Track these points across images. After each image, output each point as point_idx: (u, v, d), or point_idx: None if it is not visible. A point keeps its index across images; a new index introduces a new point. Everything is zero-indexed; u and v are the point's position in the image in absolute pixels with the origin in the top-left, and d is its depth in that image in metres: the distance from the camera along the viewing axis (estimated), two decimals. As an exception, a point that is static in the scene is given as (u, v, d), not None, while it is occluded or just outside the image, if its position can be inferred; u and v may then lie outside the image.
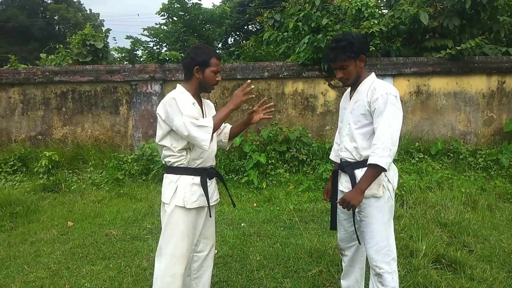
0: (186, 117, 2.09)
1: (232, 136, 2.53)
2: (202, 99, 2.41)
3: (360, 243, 2.37)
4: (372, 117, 2.16)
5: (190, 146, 2.23)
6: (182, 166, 2.25)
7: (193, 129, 2.08)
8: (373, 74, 2.30)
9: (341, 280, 2.65)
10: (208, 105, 2.48)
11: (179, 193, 2.23)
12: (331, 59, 2.24)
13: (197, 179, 2.26)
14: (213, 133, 2.14)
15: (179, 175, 2.26)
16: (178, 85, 2.32)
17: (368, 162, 2.08)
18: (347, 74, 2.22)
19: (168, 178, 2.29)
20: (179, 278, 2.22)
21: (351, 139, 2.25)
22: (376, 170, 2.07)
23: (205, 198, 2.28)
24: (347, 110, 2.32)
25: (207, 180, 2.31)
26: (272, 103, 2.44)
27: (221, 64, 2.33)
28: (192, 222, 2.27)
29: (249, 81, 2.22)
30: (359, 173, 2.20)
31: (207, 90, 2.32)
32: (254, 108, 2.44)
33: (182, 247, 2.23)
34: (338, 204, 2.17)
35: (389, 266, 2.19)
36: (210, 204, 2.33)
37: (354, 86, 2.30)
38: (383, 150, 2.03)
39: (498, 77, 6.29)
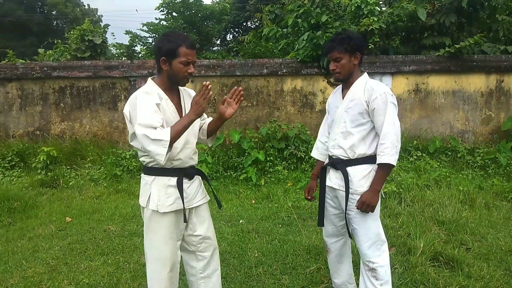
0: (141, 128, 1.88)
1: (209, 133, 2.30)
2: (182, 89, 2.20)
3: (351, 238, 2.40)
4: (369, 116, 2.21)
5: None
6: (157, 166, 2.06)
7: (147, 143, 1.88)
8: (366, 74, 2.34)
9: (333, 280, 2.66)
10: (189, 95, 2.25)
11: (153, 196, 2.07)
12: (327, 49, 2.28)
13: (173, 180, 2.07)
14: (170, 146, 1.91)
15: (154, 176, 2.09)
16: (149, 80, 2.10)
17: (378, 162, 2.14)
18: (340, 67, 2.25)
19: (144, 180, 2.14)
20: (166, 281, 2.14)
21: (347, 137, 2.27)
22: (388, 169, 2.16)
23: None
24: (339, 109, 2.34)
25: (187, 180, 2.14)
26: (240, 88, 2.06)
27: (195, 53, 2.04)
28: (173, 223, 2.11)
29: (207, 82, 1.91)
30: (351, 170, 2.25)
31: (178, 84, 2.09)
32: (225, 99, 2.08)
33: (167, 251, 2.11)
34: (356, 207, 2.20)
35: (382, 260, 2.24)
36: (194, 206, 2.18)
37: (347, 84, 2.33)
38: (391, 148, 2.10)
39: (497, 75, 6.30)
